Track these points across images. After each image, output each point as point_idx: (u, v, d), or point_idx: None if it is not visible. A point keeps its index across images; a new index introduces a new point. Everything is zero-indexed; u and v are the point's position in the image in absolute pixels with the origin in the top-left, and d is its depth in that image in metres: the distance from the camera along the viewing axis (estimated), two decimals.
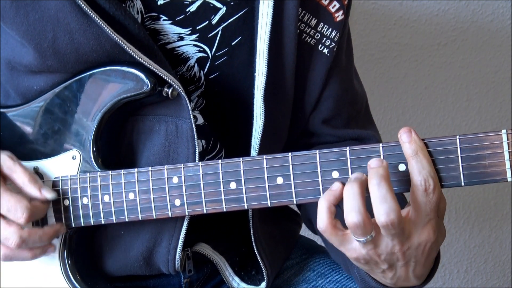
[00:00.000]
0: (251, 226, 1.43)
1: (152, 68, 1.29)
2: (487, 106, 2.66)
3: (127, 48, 1.28)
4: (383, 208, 1.09)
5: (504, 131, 1.09)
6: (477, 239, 2.80)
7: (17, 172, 1.32)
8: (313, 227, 1.58)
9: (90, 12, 1.27)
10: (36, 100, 1.39)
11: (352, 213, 1.10)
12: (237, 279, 1.50)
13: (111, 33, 1.27)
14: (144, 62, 1.29)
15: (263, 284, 1.48)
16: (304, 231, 1.71)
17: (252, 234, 1.43)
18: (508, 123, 2.67)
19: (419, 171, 1.11)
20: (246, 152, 1.40)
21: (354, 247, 1.16)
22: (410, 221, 1.14)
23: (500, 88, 2.64)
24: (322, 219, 1.15)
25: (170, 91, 1.31)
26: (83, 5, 1.27)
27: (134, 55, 1.28)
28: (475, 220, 2.78)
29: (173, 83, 1.31)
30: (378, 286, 1.26)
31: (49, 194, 1.33)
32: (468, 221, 2.78)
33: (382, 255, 1.16)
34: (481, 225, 2.79)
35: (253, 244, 1.44)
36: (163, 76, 1.30)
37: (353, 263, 1.23)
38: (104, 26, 1.27)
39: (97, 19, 1.27)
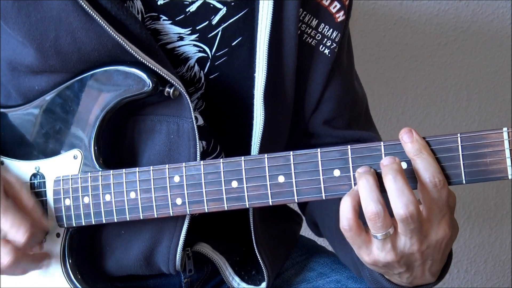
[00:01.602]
0: (251, 226, 1.43)
1: (153, 67, 1.29)
2: (487, 106, 2.66)
3: (129, 48, 1.28)
4: (402, 201, 1.09)
5: (505, 129, 1.10)
6: (477, 239, 2.81)
7: (24, 196, 1.33)
8: (318, 231, 1.58)
9: (91, 12, 1.27)
10: (37, 100, 1.39)
11: (371, 203, 1.10)
12: (237, 279, 1.51)
13: (112, 33, 1.27)
14: (145, 62, 1.29)
15: (263, 284, 1.48)
16: (304, 231, 1.71)
17: (253, 234, 1.43)
18: (508, 123, 2.67)
19: (426, 168, 1.12)
20: (246, 154, 1.40)
21: (373, 251, 1.16)
22: (425, 220, 1.14)
23: (500, 88, 2.64)
24: (348, 217, 1.14)
25: (171, 90, 1.31)
26: (84, 5, 1.27)
27: (136, 54, 1.28)
28: (475, 220, 2.78)
29: (174, 83, 1.31)
30: (392, 287, 1.27)
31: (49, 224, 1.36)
32: (468, 221, 2.78)
33: (402, 259, 1.16)
34: (481, 225, 2.80)
35: (254, 244, 1.44)
36: (165, 76, 1.30)
37: (369, 267, 1.24)
38: (105, 26, 1.27)
39: (98, 19, 1.27)
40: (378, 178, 1.13)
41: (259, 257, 1.45)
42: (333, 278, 1.55)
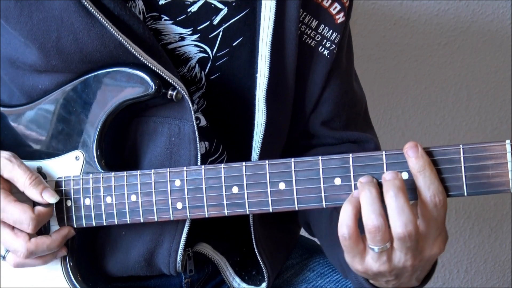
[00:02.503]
0: (251, 228, 1.43)
1: (156, 70, 1.29)
2: (487, 106, 2.66)
3: (131, 49, 1.28)
4: (401, 220, 1.09)
5: (508, 141, 1.09)
6: (477, 239, 2.81)
7: (17, 175, 1.31)
8: (311, 230, 1.58)
9: (94, 12, 1.27)
10: (40, 100, 1.39)
11: (372, 216, 1.10)
12: (237, 279, 1.51)
13: (115, 33, 1.27)
14: (148, 64, 1.29)
15: (264, 284, 1.48)
16: (304, 232, 1.71)
17: (253, 236, 1.44)
18: (508, 123, 2.67)
19: (427, 186, 1.11)
20: (248, 154, 1.41)
21: (367, 261, 1.16)
22: (421, 236, 1.14)
23: (500, 88, 2.64)
24: (348, 225, 1.13)
25: (174, 93, 1.31)
26: (87, 5, 1.27)
27: (138, 55, 1.28)
28: (475, 220, 2.78)
29: (177, 86, 1.31)
30: None
31: (51, 198, 1.32)
32: (468, 221, 2.78)
33: (394, 271, 1.16)
34: (481, 225, 2.80)
35: (254, 245, 1.44)
36: (168, 79, 1.30)
37: (357, 273, 1.24)
38: (108, 26, 1.27)
39: (101, 19, 1.27)
40: (380, 189, 1.13)
41: (259, 258, 1.45)
42: (333, 278, 1.55)
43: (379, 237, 1.10)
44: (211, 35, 1.41)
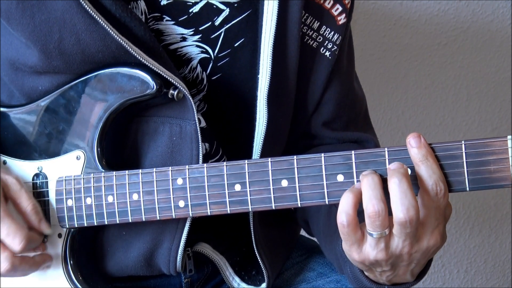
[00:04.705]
0: (251, 228, 1.43)
1: (157, 70, 1.29)
2: (487, 106, 2.66)
3: (132, 51, 1.28)
4: (403, 204, 1.09)
5: (509, 137, 1.10)
6: (477, 239, 2.81)
7: (22, 198, 1.34)
8: (309, 229, 1.58)
9: (94, 15, 1.27)
10: (40, 100, 1.39)
11: (374, 200, 1.10)
12: (237, 279, 1.51)
13: (115, 36, 1.28)
14: (149, 64, 1.29)
15: (264, 284, 1.49)
16: (304, 231, 1.71)
17: (252, 236, 1.44)
18: (508, 123, 2.67)
19: (429, 175, 1.12)
20: (248, 155, 1.41)
21: (365, 249, 1.16)
22: (421, 224, 1.15)
23: (500, 88, 2.65)
24: (348, 213, 1.13)
25: (175, 93, 1.31)
26: (88, 8, 1.27)
27: (139, 57, 1.29)
28: (475, 220, 2.79)
29: (178, 85, 1.31)
30: (371, 286, 1.27)
31: (46, 229, 1.36)
32: (468, 221, 2.78)
33: (391, 259, 1.16)
34: (481, 225, 2.80)
35: (254, 245, 1.45)
36: (169, 78, 1.30)
37: (355, 265, 1.24)
38: (108, 29, 1.27)
39: (101, 22, 1.27)
40: (383, 182, 1.13)
41: (259, 258, 1.46)
42: (333, 278, 1.56)
43: (378, 222, 1.11)
44: (213, 36, 1.41)
